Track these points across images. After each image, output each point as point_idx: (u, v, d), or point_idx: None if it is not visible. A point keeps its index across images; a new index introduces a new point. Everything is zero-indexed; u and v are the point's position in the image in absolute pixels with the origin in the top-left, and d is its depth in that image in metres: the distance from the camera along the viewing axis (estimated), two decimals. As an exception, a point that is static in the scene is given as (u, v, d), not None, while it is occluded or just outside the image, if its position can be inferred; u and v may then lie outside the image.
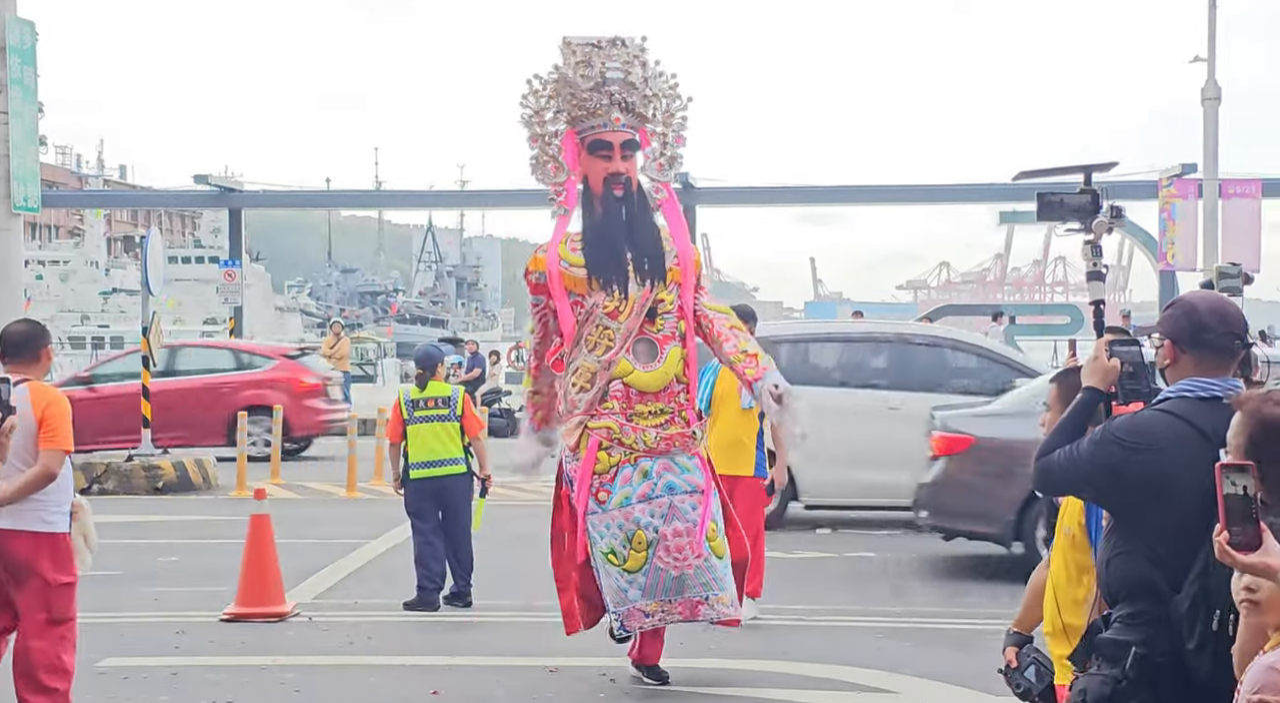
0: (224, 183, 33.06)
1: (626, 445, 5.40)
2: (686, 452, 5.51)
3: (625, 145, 5.46)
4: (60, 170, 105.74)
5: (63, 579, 5.99)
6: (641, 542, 5.40)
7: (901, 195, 35.63)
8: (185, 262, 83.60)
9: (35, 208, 16.02)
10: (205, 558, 11.18)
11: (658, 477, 5.43)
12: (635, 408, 5.42)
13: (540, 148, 5.51)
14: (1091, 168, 4.18)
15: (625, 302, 5.39)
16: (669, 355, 5.44)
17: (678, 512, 5.43)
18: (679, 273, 5.51)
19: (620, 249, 5.41)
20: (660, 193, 5.56)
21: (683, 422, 5.53)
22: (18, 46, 15.25)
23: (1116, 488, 3.52)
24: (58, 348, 52.43)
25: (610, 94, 5.39)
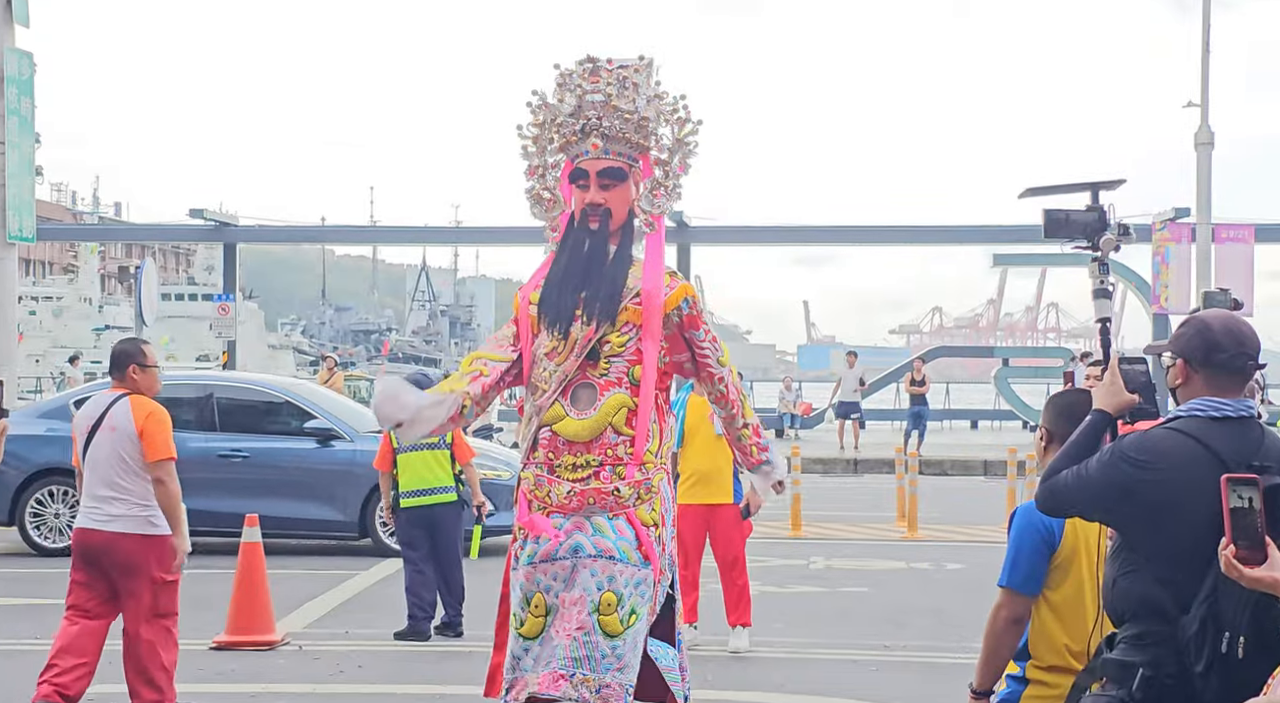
0: (220, 217, 33.09)
1: (539, 498, 4.80)
2: (607, 512, 4.75)
3: (603, 174, 4.96)
4: (56, 207, 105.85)
5: (167, 577, 6.84)
6: (540, 606, 4.74)
7: (895, 236, 35.67)
8: (179, 298, 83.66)
9: (30, 238, 16.04)
10: (196, 586, 11.08)
11: (566, 536, 4.74)
12: (561, 458, 4.77)
13: (537, 180, 5.11)
14: (1099, 186, 4.17)
15: (564, 342, 4.84)
16: (606, 402, 4.75)
17: (577, 577, 4.71)
18: (638, 313, 4.85)
19: (571, 286, 4.89)
20: (650, 227, 5.03)
21: (613, 477, 4.76)
22: (15, 77, 15.31)
23: (1126, 507, 3.49)
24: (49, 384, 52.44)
25: (586, 119, 4.96)
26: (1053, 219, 4.19)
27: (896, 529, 15.19)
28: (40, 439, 12.90)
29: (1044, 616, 4.26)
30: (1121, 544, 3.59)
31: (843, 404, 27.51)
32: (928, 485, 19.08)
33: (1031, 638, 4.29)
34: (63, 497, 12.77)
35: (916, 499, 15.01)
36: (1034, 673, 4.25)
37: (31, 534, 12.79)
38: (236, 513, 12.46)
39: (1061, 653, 4.20)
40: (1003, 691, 4.33)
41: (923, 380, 26.43)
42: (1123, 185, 4.28)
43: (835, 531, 15.10)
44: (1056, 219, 4.18)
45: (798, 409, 32.48)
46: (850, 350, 30.65)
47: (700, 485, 8.73)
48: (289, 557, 12.40)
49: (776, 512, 14.26)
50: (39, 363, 67.61)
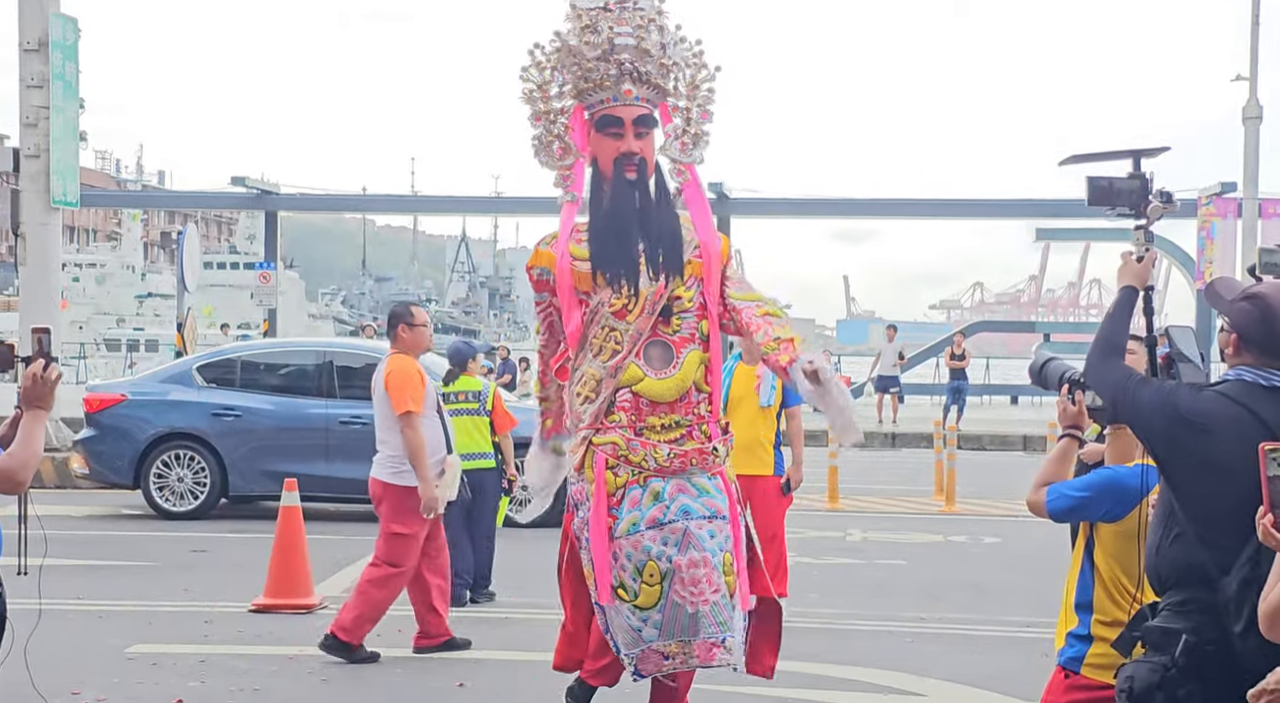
0: (261, 185, 33.23)
1: (634, 464, 4.58)
2: (706, 471, 4.64)
3: (638, 121, 4.67)
4: (99, 175, 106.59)
5: (395, 528, 7.40)
6: (655, 574, 4.54)
7: (937, 210, 35.45)
8: (220, 267, 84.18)
9: (74, 203, 16.16)
10: (237, 550, 11.21)
11: (670, 499, 4.56)
12: (646, 420, 4.58)
13: (544, 127, 4.76)
14: (1141, 153, 4.12)
15: (635, 299, 4.60)
16: (686, 360, 4.60)
17: (693, 539, 4.55)
18: (700, 267, 4.70)
19: (631, 239, 4.63)
20: (683, 175, 4.78)
21: (702, 436, 4.65)
22: (60, 42, 15.41)
23: (1171, 461, 3.50)
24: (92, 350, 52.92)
25: (620, 63, 4.63)
26: (1096, 187, 4.14)
27: (934, 503, 15.14)
28: (164, 404, 13.08)
29: (1106, 568, 4.22)
30: (1166, 511, 3.59)
31: (882, 378, 27.41)
32: (966, 460, 19.01)
33: (1095, 593, 4.25)
34: (188, 461, 12.90)
35: (955, 473, 14.95)
36: (1098, 629, 4.22)
37: (155, 497, 12.90)
38: (357, 480, 12.61)
39: (1125, 606, 4.18)
40: (1066, 649, 4.29)
41: (963, 355, 26.30)
42: (1166, 153, 4.23)
43: (872, 504, 15.07)
44: (1101, 187, 4.14)
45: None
46: (890, 324, 30.51)
47: (741, 455, 8.61)
48: (328, 522, 12.49)
49: (814, 484, 14.24)
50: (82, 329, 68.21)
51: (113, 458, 13.05)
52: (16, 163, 15.54)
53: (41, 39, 15.35)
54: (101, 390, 13.84)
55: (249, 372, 13.42)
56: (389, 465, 7.42)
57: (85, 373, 39.15)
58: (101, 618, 8.54)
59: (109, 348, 56.23)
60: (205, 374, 13.34)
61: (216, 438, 12.90)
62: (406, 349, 7.47)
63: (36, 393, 4.03)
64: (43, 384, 4.03)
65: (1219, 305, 3.68)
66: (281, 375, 13.46)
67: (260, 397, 13.13)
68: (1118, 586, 4.21)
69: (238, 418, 12.97)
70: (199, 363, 13.68)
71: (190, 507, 12.85)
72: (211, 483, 12.87)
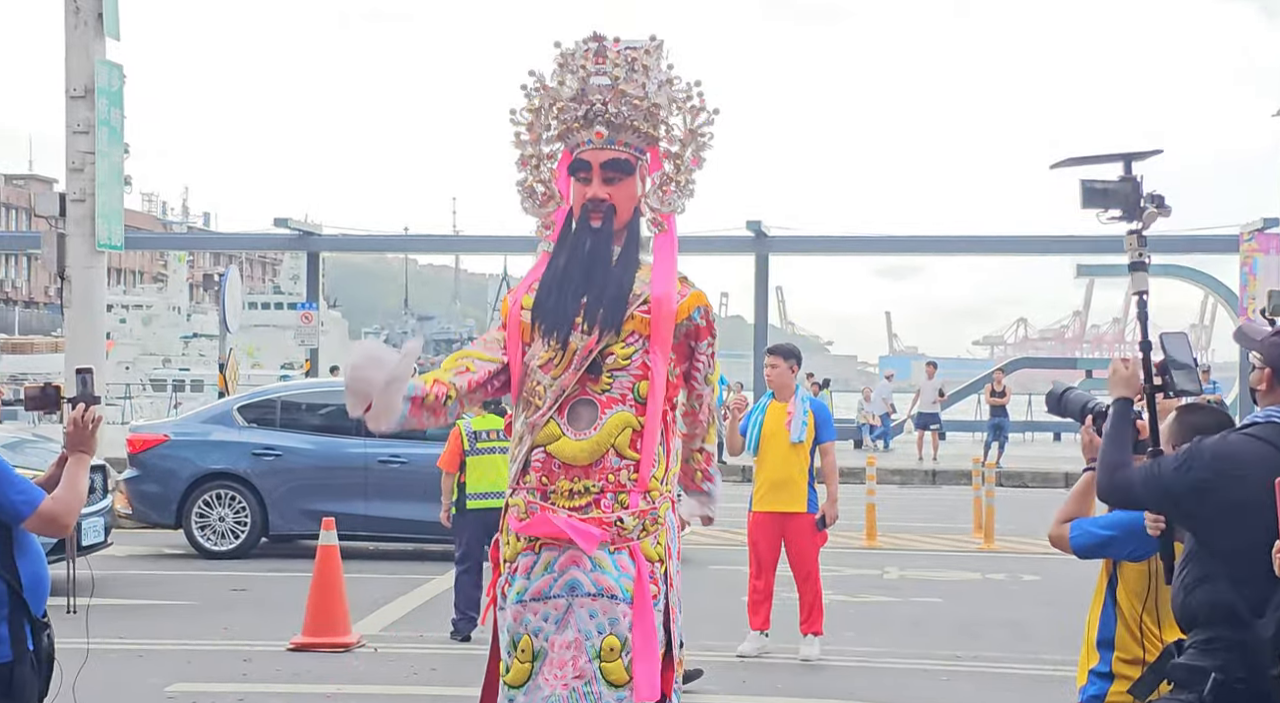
0: (304, 227, 33.54)
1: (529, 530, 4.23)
2: (609, 545, 4.17)
3: (607, 165, 4.36)
4: (146, 217, 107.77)
5: None
6: (527, 650, 4.15)
7: (978, 246, 35.23)
8: (264, 307, 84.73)
9: (119, 246, 16.37)
10: (275, 588, 11.30)
11: (560, 571, 4.15)
12: (557, 483, 4.20)
13: (530, 172, 4.48)
14: (1132, 156, 4.07)
15: (561, 353, 4.24)
16: (608, 422, 4.20)
17: (573, 617, 4.12)
18: (646, 323, 4.27)
19: (571, 289, 4.29)
20: (659, 226, 4.43)
21: (616, 506, 4.19)
22: (106, 88, 15.65)
23: (1204, 509, 3.51)
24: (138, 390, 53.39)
25: (590, 104, 4.35)
26: (1090, 190, 4.08)
27: (972, 540, 15.08)
28: (206, 444, 13.24)
29: (1128, 606, 4.22)
30: (1193, 552, 3.60)
31: (922, 415, 27.33)
32: (1007, 497, 18.92)
33: (1118, 630, 4.25)
34: (229, 501, 13.01)
35: (993, 510, 14.89)
36: (1120, 667, 4.22)
37: (197, 536, 13.03)
38: (396, 519, 12.73)
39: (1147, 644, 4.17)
40: (1088, 686, 4.29)
41: (1003, 391, 26.19)
42: (1158, 156, 4.16)
43: (910, 541, 15.02)
44: (1094, 190, 4.09)
45: (876, 420, 32.28)
46: (930, 361, 30.42)
47: (775, 493, 8.75)
48: (366, 561, 12.57)
49: (851, 522, 14.21)
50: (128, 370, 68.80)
51: (155, 498, 13.19)
52: (63, 207, 15.76)
53: (88, 86, 15.59)
54: (144, 431, 14.00)
55: (289, 412, 13.55)
56: None
57: (131, 413, 39.51)
58: (142, 657, 8.63)
59: (154, 388, 56.75)
60: (246, 414, 13.48)
61: (257, 478, 13.02)
62: None
63: (78, 437, 4.09)
64: (84, 428, 4.09)
65: (1250, 345, 3.71)
66: (321, 415, 13.58)
67: (300, 436, 13.26)
68: (1139, 624, 4.21)
69: (278, 458, 13.09)
70: (240, 403, 13.82)
71: (231, 546, 12.96)
72: (252, 522, 12.98)
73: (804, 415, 8.69)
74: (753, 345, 31.42)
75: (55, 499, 3.99)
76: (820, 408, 8.98)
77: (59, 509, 3.98)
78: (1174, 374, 3.96)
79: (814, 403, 8.96)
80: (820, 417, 8.84)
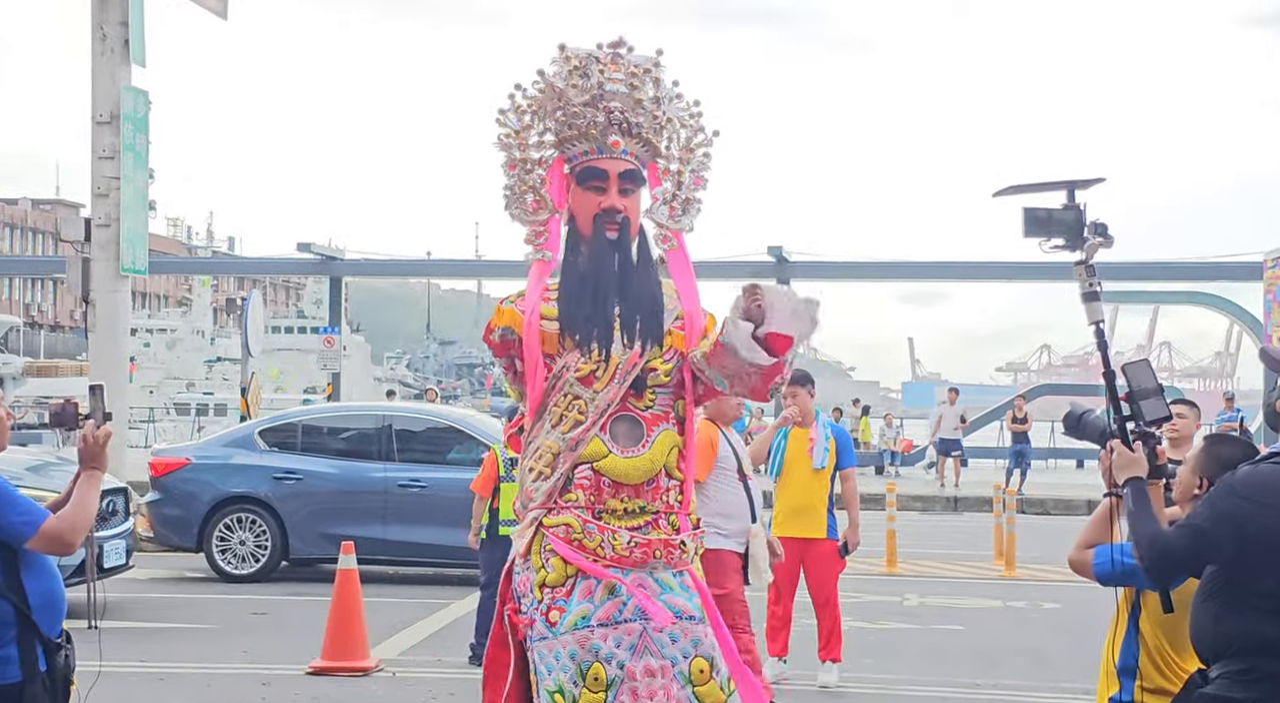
0: (327, 251, 33.69)
1: (589, 550, 3.96)
2: (671, 566, 4.01)
3: (624, 176, 4.16)
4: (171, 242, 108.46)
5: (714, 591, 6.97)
6: (600, 680, 3.88)
7: (1002, 272, 35.11)
8: (288, 331, 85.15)
9: (143, 270, 16.49)
10: (294, 611, 11.32)
11: (628, 595, 3.92)
12: (607, 503, 3.98)
13: (518, 177, 4.25)
14: (1075, 184, 4.00)
15: (605, 365, 4.02)
16: (658, 440, 4.03)
17: (650, 643, 3.91)
18: (682, 339, 4.10)
19: (605, 299, 4.07)
20: (669, 243, 4.24)
21: (670, 527, 4.02)
22: (131, 114, 15.79)
23: (1236, 542, 3.50)
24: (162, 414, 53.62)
25: (609, 111, 4.15)
26: (1033, 217, 3.99)
27: (993, 568, 15.01)
28: (227, 468, 13.26)
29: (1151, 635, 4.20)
30: (1221, 583, 3.58)
31: (943, 441, 27.25)
32: (1029, 524, 18.83)
33: (1140, 658, 4.23)
34: (250, 524, 13.05)
35: (1014, 537, 14.83)
36: (1141, 696, 4.19)
37: (218, 560, 13.05)
38: (416, 543, 12.74)
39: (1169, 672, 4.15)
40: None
41: (1024, 418, 26.11)
42: (1101, 184, 4.08)
43: (930, 568, 14.96)
44: (1037, 217, 3.99)
45: (898, 446, 32.22)
46: (952, 387, 30.35)
47: (795, 519, 8.73)
48: (385, 585, 12.58)
49: (872, 548, 14.17)
50: (153, 394, 69.12)
51: (177, 521, 13.24)
52: (88, 232, 15.90)
53: (113, 112, 15.74)
54: (166, 454, 14.05)
55: (310, 435, 13.59)
56: None
57: (154, 437, 39.67)
58: (162, 680, 8.65)
59: (179, 412, 56.98)
60: (267, 438, 13.52)
61: (278, 501, 13.05)
62: (714, 416, 7.39)
63: (89, 453, 4.12)
64: (94, 444, 4.12)
65: (1276, 366, 3.70)
66: (342, 439, 13.62)
67: (321, 460, 13.29)
68: (1162, 653, 4.19)
69: (299, 481, 13.12)
70: (261, 427, 13.87)
71: (252, 570, 12.99)
72: (272, 546, 13.00)
73: (825, 441, 8.69)
74: (774, 371, 31.39)
75: (59, 518, 4.00)
76: (841, 434, 8.98)
77: (62, 527, 3.98)
78: (1141, 405, 3.89)
79: (835, 429, 8.95)
80: (841, 442, 8.84)
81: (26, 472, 10.32)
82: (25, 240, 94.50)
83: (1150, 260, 33.48)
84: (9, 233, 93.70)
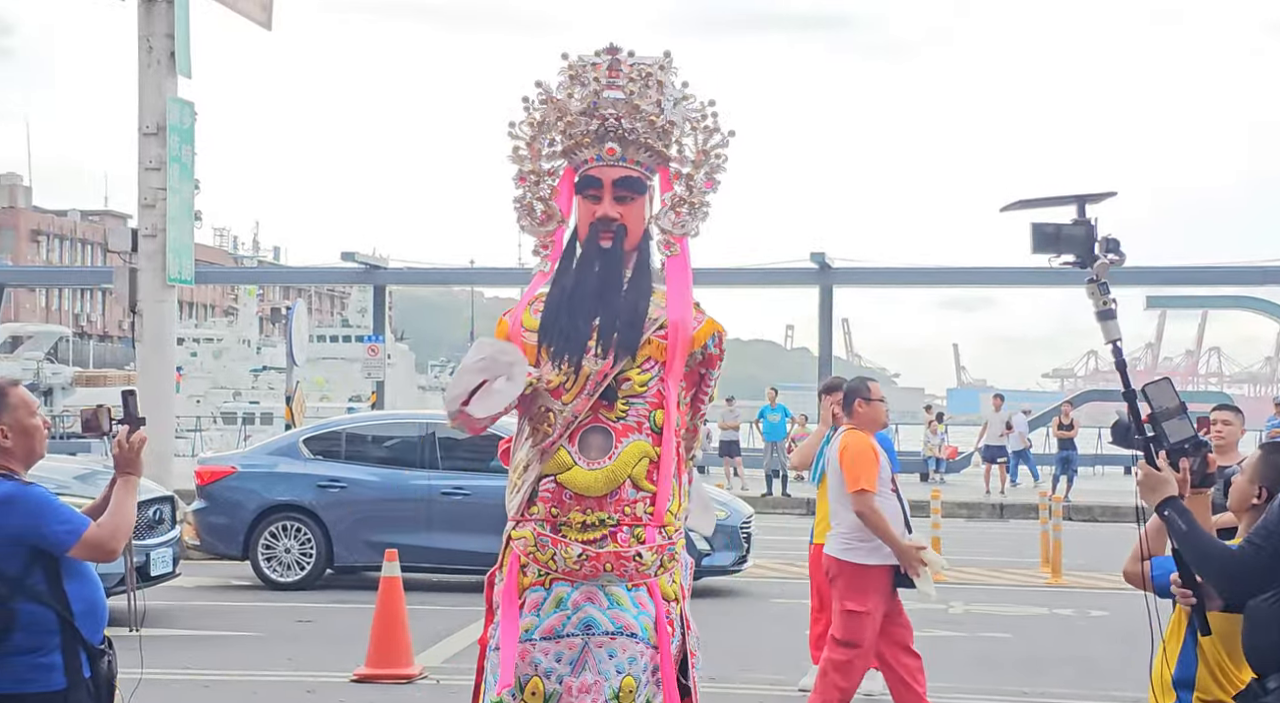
0: (371, 260, 33.86)
1: (541, 563, 3.95)
2: (626, 580, 3.94)
3: (619, 183, 4.14)
4: (217, 251, 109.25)
5: (849, 606, 7.05)
6: (538, 694, 3.87)
7: (1048, 278, 34.85)
8: (333, 340, 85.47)
9: (189, 280, 16.63)
10: (339, 619, 11.37)
11: (574, 608, 3.91)
12: (568, 515, 3.94)
13: (528, 188, 4.25)
14: (1086, 198, 3.93)
15: (574, 377, 4.00)
16: (625, 451, 3.97)
17: (590, 658, 3.87)
18: (662, 349, 4.05)
19: (583, 311, 4.06)
20: (672, 249, 4.19)
21: (632, 540, 3.95)
22: (177, 125, 15.94)
23: None
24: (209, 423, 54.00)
25: (603, 119, 4.14)
26: (1042, 234, 3.92)
27: (1040, 575, 14.89)
28: (272, 476, 13.37)
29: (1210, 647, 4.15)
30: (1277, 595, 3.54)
31: (989, 448, 27.08)
32: (1077, 531, 18.70)
33: (1199, 671, 4.18)
34: (295, 532, 13.12)
35: (1060, 544, 14.70)
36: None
37: (263, 568, 13.15)
38: (459, 551, 12.80)
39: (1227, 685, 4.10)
40: None
41: (1071, 424, 25.91)
42: (1112, 198, 4.01)
43: (976, 575, 14.86)
44: (1046, 234, 3.92)
45: (943, 452, 32.05)
46: (997, 394, 30.15)
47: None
48: (429, 592, 12.62)
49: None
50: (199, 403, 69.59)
51: (223, 529, 13.33)
52: (135, 243, 16.06)
53: (160, 123, 15.89)
54: (212, 463, 14.15)
55: (354, 444, 13.66)
56: (840, 541, 7.22)
57: (201, 446, 39.95)
58: (208, 687, 8.70)
59: (225, 421, 57.38)
60: (311, 446, 13.59)
61: (322, 509, 13.12)
62: (863, 425, 7.39)
63: (124, 459, 4.14)
64: (129, 449, 4.14)
65: None
66: (386, 447, 13.68)
67: (364, 468, 13.36)
68: (1221, 666, 4.13)
69: (343, 489, 13.19)
70: (305, 435, 13.95)
71: (297, 577, 13.06)
72: (317, 554, 13.07)
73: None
74: (817, 378, 31.30)
75: (100, 526, 4.02)
76: (884, 440, 8.91)
77: (104, 535, 4.01)
78: (1164, 426, 3.83)
79: (879, 435, 8.89)
80: (884, 449, 8.77)
81: (74, 480, 10.42)
82: (74, 251, 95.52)
83: (1197, 265, 33.19)
84: (58, 244, 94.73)
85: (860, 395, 7.42)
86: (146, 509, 11.09)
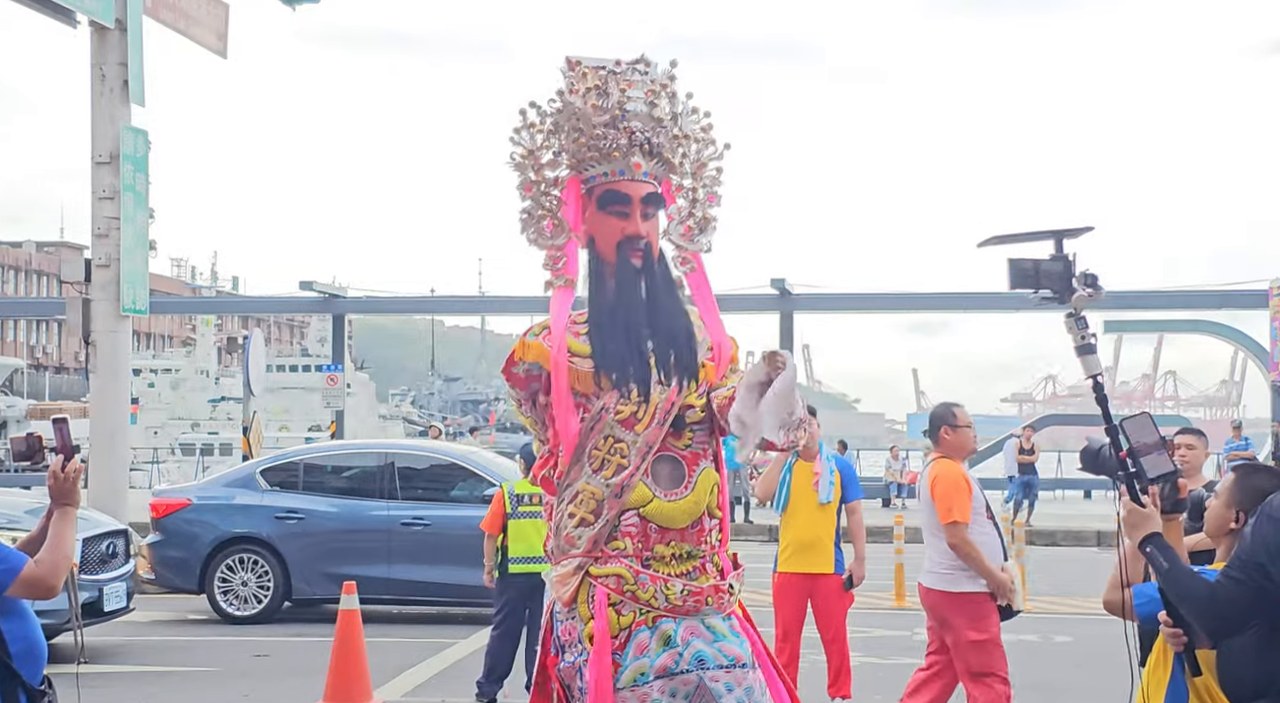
0: (330, 289, 33.69)
1: (642, 601, 3.83)
2: (721, 611, 3.90)
3: (646, 200, 4.01)
4: (174, 282, 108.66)
5: (973, 637, 7.02)
6: None
7: (1006, 303, 35.04)
8: (292, 370, 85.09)
9: (143, 310, 16.44)
10: (296, 653, 11.20)
11: (684, 644, 3.83)
12: (654, 549, 3.85)
13: (534, 199, 4.09)
14: (1063, 233, 3.91)
15: (645, 406, 3.87)
16: (700, 480, 3.90)
17: (708, 693, 3.82)
18: (713, 371, 3.98)
19: (639, 336, 3.93)
20: (688, 265, 4.10)
21: (716, 571, 3.92)
22: (131, 154, 15.78)
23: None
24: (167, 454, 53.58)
25: (631, 132, 3.98)
26: (1019, 269, 3.91)
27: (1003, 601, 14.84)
28: (229, 508, 13.16)
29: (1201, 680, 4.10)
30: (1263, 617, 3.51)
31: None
32: (1038, 556, 18.69)
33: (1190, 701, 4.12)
34: (252, 565, 12.92)
35: (1024, 570, 14.67)
36: None
37: (220, 602, 12.93)
38: (420, 582, 12.64)
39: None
40: None
41: (1031, 449, 25.98)
42: (1088, 233, 3.98)
43: (941, 601, 14.80)
44: (1024, 269, 3.90)
45: (904, 478, 32.08)
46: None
47: (801, 554, 8.63)
48: (388, 624, 12.46)
49: (880, 582, 14.04)
50: (157, 434, 69.04)
51: (178, 563, 13.13)
52: (88, 273, 15.87)
53: (113, 152, 15.73)
54: (168, 495, 13.95)
55: (312, 474, 13.49)
56: (941, 575, 7.15)
57: (158, 478, 39.57)
58: (162, 724, 8.53)
59: (184, 452, 56.95)
60: (269, 477, 13.43)
61: (280, 541, 12.94)
62: (951, 452, 7.26)
63: (60, 489, 4.03)
64: (64, 479, 4.03)
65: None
66: (344, 478, 13.53)
67: (323, 499, 13.19)
68: (1212, 693, 4.09)
69: (301, 521, 13.02)
70: (263, 466, 13.78)
71: (254, 611, 12.87)
72: (275, 586, 12.89)
73: (831, 475, 8.59)
74: (779, 404, 31.26)
75: (39, 562, 3.91)
76: (846, 466, 8.88)
77: (43, 572, 3.90)
78: (1143, 461, 3.81)
79: (840, 462, 8.86)
80: (846, 475, 8.74)
81: (25, 514, 10.24)
82: (30, 283, 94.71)
83: (1154, 289, 33.44)
84: (13, 276, 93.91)
85: (946, 423, 7.28)
86: (100, 543, 10.91)
